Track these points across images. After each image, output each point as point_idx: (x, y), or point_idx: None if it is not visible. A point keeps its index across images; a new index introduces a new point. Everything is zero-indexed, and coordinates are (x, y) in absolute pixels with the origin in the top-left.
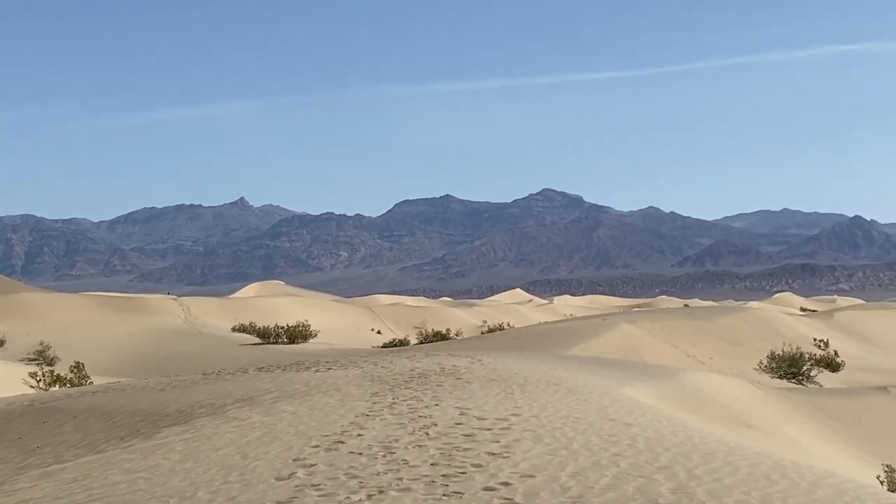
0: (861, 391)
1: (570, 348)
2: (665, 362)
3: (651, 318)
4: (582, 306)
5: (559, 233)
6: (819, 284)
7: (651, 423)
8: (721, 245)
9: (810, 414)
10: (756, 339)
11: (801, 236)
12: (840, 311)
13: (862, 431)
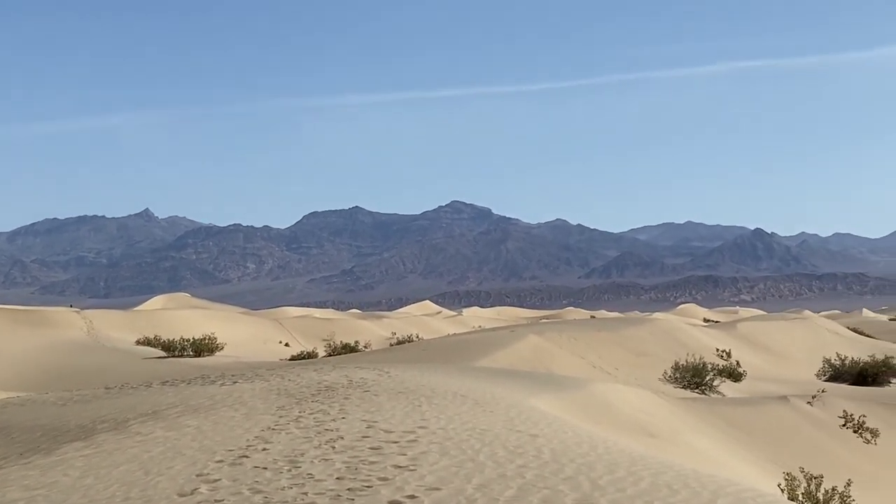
0: (762, 401)
1: (478, 360)
2: (572, 373)
3: (558, 330)
4: (490, 318)
5: (468, 245)
6: (722, 296)
7: (557, 433)
8: (627, 257)
9: (713, 423)
10: (661, 349)
11: (705, 248)
12: (742, 321)
13: (763, 441)
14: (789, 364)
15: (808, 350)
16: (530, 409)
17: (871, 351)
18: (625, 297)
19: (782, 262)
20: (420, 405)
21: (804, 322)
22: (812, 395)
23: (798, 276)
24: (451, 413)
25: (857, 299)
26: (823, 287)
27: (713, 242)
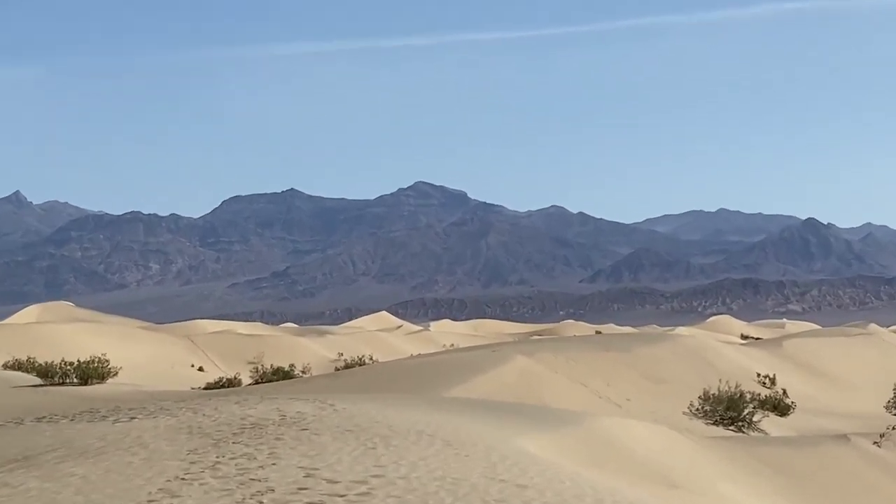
0: (815, 440)
1: (449, 388)
2: (571, 405)
3: (554, 349)
4: (466, 334)
5: (437, 239)
6: (764, 305)
7: (550, 483)
8: (642, 255)
9: (752, 469)
10: (686, 374)
11: (742, 244)
12: (790, 338)
13: (816, 490)
14: (851, 393)
15: (875, 374)
16: (517, 451)
17: None
18: (640, 306)
19: (842, 261)
20: (374, 448)
21: (870, 338)
22: (881, 434)
23: (862, 279)
24: (414, 458)
25: None
26: (895, 293)
27: (753, 236)
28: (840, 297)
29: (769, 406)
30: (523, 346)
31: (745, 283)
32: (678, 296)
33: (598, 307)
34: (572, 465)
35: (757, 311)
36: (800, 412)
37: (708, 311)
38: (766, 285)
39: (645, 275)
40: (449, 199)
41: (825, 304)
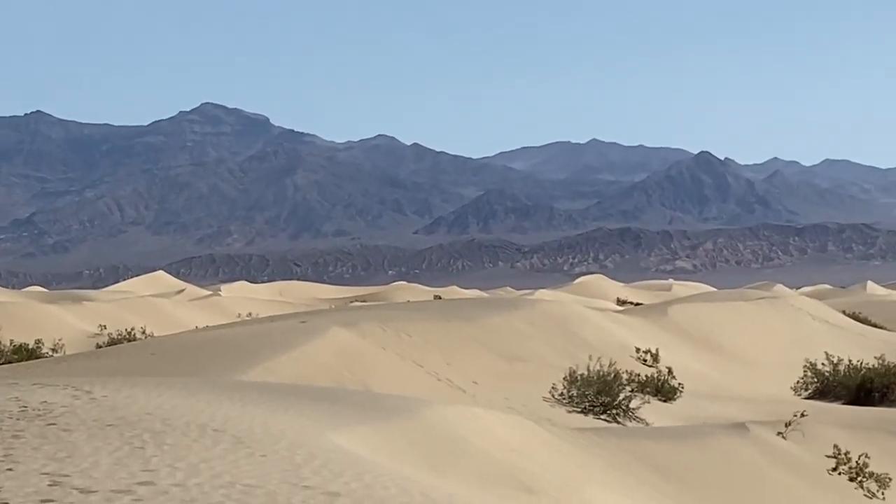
0: (707, 431)
1: (245, 371)
2: (402, 390)
3: (381, 319)
4: (268, 300)
5: (230, 177)
6: (646, 261)
7: (370, 490)
8: (494, 198)
9: (628, 468)
10: (548, 350)
11: (619, 185)
12: (677, 304)
13: (706, 493)
14: (751, 371)
15: (781, 348)
16: (329, 450)
17: (879, 350)
18: (490, 264)
19: (742, 206)
20: (143, 447)
21: (775, 303)
22: (786, 422)
23: (767, 228)
24: (194, 459)
25: (859, 266)
26: (806, 246)
27: (633, 175)
28: (740, 251)
29: (650, 389)
30: (342, 316)
31: (622, 234)
32: (539, 250)
33: (438, 265)
34: (400, 467)
35: (637, 270)
36: (688, 396)
37: (576, 269)
38: (648, 237)
39: (497, 224)
40: (246, 125)
41: (721, 261)
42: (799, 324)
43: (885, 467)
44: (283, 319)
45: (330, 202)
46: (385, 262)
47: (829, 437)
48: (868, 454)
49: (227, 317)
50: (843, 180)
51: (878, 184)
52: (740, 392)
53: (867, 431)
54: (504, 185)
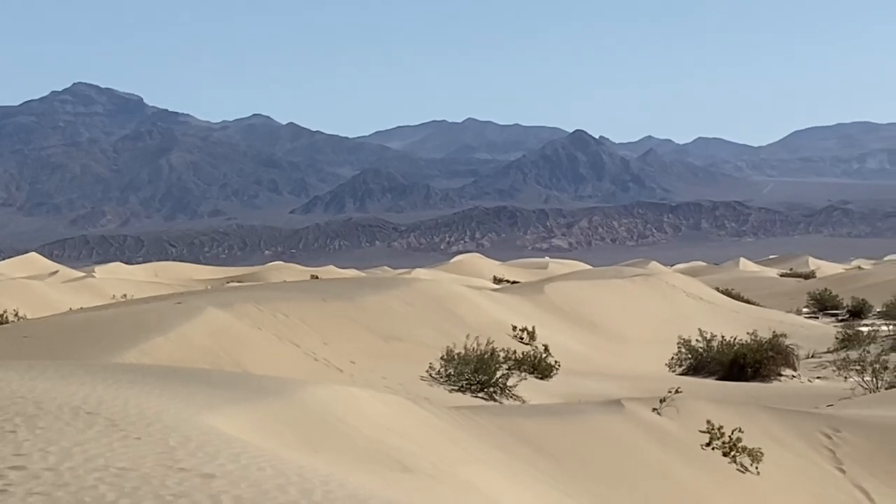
0: (583, 408)
1: (120, 353)
2: (279, 371)
3: (257, 300)
4: (143, 281)
5: (104, 158)
6: (523, 240)
7: (246, 471)
8: (370, 177)
9: (505, 445)
10: (425, 329)
11: (495, 163)
12: (553, 281)
13: (582, 469)
14: (626, 348)
15: (655, 325)
16: (205, 431)
17: (751, 325)
18: (367, 243)
19: (617, 184)
20: (14, 431)
21: (650, 281)
22: (660, 399)
23: (642, 206)
24: (67, 443)
25: (732, 243)
26: (680, 224)
27: (509, 154)
28: (615, 229)
29: (527, 367)
30: (218, 296)
31: (498, 213)
32: (416, 229)
33: (315, 244)
34: (277, 448)
35: (514, 248)
36: (564, 373)
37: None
38: (524, 215)
39: (374, 203)
40: (119, 105)
41: (597, 239)
42: (673, 300)
43: (758, 442)
44: (159, 301)
45: (205, 182)
46: (261, 242)
47: (703, 413)
48: (741, 429)
49: (102, 298)
50: (715, 158)
51: (751, 161)
52: (616, 369)
53: (740, 406)
54: (380, 164)
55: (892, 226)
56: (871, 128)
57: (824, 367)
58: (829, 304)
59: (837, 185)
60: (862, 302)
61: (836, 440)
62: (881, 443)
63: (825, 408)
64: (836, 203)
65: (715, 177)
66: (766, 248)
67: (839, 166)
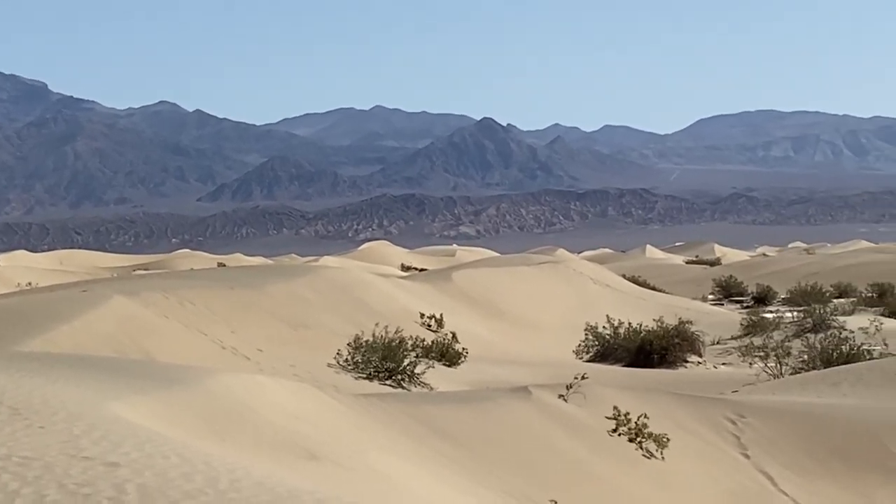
0: (490, 395)
1: (25, 341)
2: (186, 359)
3: (164, 288)
4: (48, 269)
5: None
6: (431, 227)
7: (151, 460)
8: (278, 165)
9: (414, 434)
10: (333, 316)
11: (403, 151)
12: (461, 269)
13: (489, 455)
14: (534, 335)
15: (563, 312)
16: (110, 420)
17: (658, 312)
18: (275, 230)
19: (525, 171)
20: None
21: (557, 268)
22: (567, 385)
23: (549, 194)
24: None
25: (638, 230)
26: (587, 211)
27: (416, 142)
28: (522, 216)
29: (435, 354)
30: (124, 284)
31: (406, 201)
32: (324, 217)
33: (222, 232)
34: (183, 436)
35: (422, 236)
36: (472, 361)
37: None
38: (432, 203)
39: (282, 190)
40: (23, 92)
41: (504, 226)
42: (580, 288)
43: (664, 428)
44: (65, 289)
45: (111, 169)
46: (168, 230)
47: (610, 399)
48: (647, 415)
49: (6, 287)
50: (622, 146)
51: (657, 149)
52: (523, 356)
53: (647, 393)
54: (288, 151)
55: (796, 213)
56: (776, 116)
57: (729, 353)
58: (735, 290)
59: (742, 172)
60: (766, 289)
61: (741, 426)
62: (785, 428)
63: (730, 394)
64: (741, 191)
65: (622, 164)
66: (673, 236)
67: (744, 154)
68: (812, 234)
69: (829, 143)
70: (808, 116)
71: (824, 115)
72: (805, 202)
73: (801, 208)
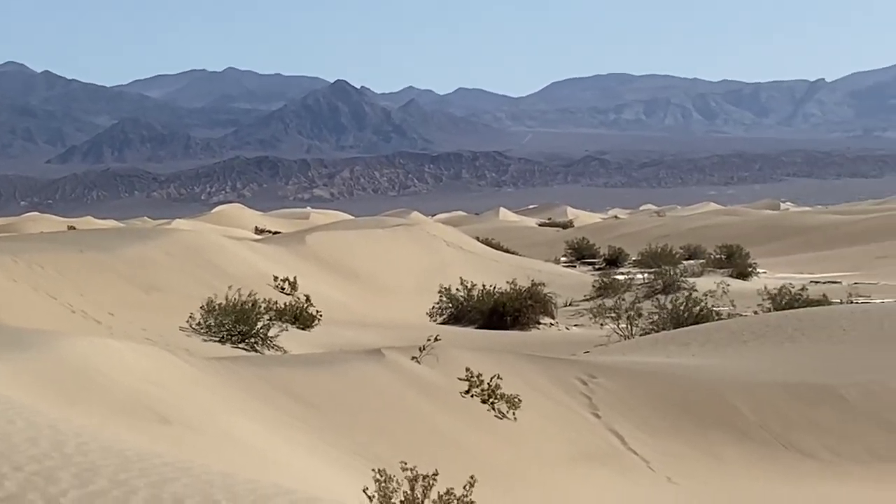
0: (344, 357)
1: None
2: (36, 323)
3: (12, 251)
4: None
5: None
6: (284, 190)
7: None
8: (129, 127)
9: (266, 397)
10: (185, 280)
11: (256, 113)
12: (315, 232)
13: (345, 420)
14: (388, 298)
15: (417, 275)
16: None
17: (511, 274)
18: (126, 193)
19: (379, 134)
20: None
21: (411, 231)
22: (420, 347)
23: (403, 156)
24: None
25: (492, 193)
26: (441, 174)
27: (270, 104)
28: (377, 179)
29: (289, 317)
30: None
31: (260, 163)
32: (176, 179)
33: (72, 195)
34: (30, 400)
35: (276, 199)
36: (326, 324)
37: (214, 198)
38: (286, 165)
39: (133, 153)
40: None
41: (358, 189)
42: (434, 250)
43: (516, 388)
44: None
45: None
46: (16, 193)
47: (463, 361)
48: (500, 376)
49: None
50: (476, 109)
51: (510, 112)
52: (378, 319)
53: (499, 354)
54: (139, 113)
55: (647, 176)
56: (627, 79)
57: (581, 314)
58: (587, 253)
59: (595, 135)
60: (618, 251)
61: (592, 386)
62: (635, 388)
63: (581, 355)
64: (594, 153)
65: (475, 127)
66: (526, 198)
67: (596, 117)
68: (663, 196)
69: (680, 107)
70: (659, 80)
71: (675, 79)
72: (656, 165)
73: (652, 171)
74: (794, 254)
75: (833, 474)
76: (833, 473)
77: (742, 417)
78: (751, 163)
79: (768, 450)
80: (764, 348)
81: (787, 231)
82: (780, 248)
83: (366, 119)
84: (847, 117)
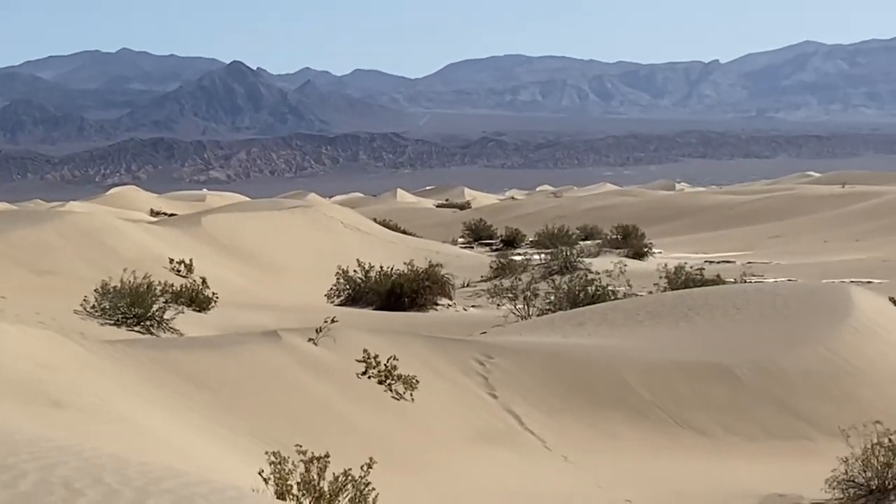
0: (240, 339)
1: None
2: None
3: None
4: None
5: None
6: (180, 172)
7: None
8: (21, 108)
9: (161, 380)
10: (79, 262)
11: (151, 94)
12: (211, 214)
13: (238, 400)
14: (285, 280)
15: (314, 257)
16: None
17: (408, 255)
18: (19, 175)
19: (275, 116)
20: None
21: (308, 212)
22: (317, 329)
23: (300, 138)
24: None
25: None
26: (339, 156)
27: (165, 85)
28: (273, 160)
29: (185, 300)
30: None
31: (155, 145)
32: (70, 161)
33: None
34: None
35: (171, 181)
36: (223, 306)
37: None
38: (181, 147)
39: (25, 135)
40: None
41: (255, 171)
42: (332, 232)
43: (413, 369)
44: None
45: None
46: None
47: (360, 342)
48: (397, 357)
49: None
50: (373, 90)
51: (407, 94)
52: (275, 301)
53: (397, 335)
54: (31, 94)
55: (543, 157)
56: (524, 60)
57: (479, 295)
58: (484, 234)
59: (492, 116)
60: (515, 232)
61: (489, 366)
62: (531, 367)
63: (479, 335)
64: (491, 135)
65: (372, 108)
66: (423, 180)
67: (493, 98)
68: (560, 177)
69: (576, 88)
70: (556, 61)
71: (571, 60)
72: (552, 146)
73: (548, 152)
74: (688, 234)
75: (726, 452)
76: (727, 451)
77: (637, 396)
78: (646, 144)
79: (663, 428)
80: (659, 328)
81: (682, 211)
82: (675, 228)
83: (262, 100)
84: (741, 98)
